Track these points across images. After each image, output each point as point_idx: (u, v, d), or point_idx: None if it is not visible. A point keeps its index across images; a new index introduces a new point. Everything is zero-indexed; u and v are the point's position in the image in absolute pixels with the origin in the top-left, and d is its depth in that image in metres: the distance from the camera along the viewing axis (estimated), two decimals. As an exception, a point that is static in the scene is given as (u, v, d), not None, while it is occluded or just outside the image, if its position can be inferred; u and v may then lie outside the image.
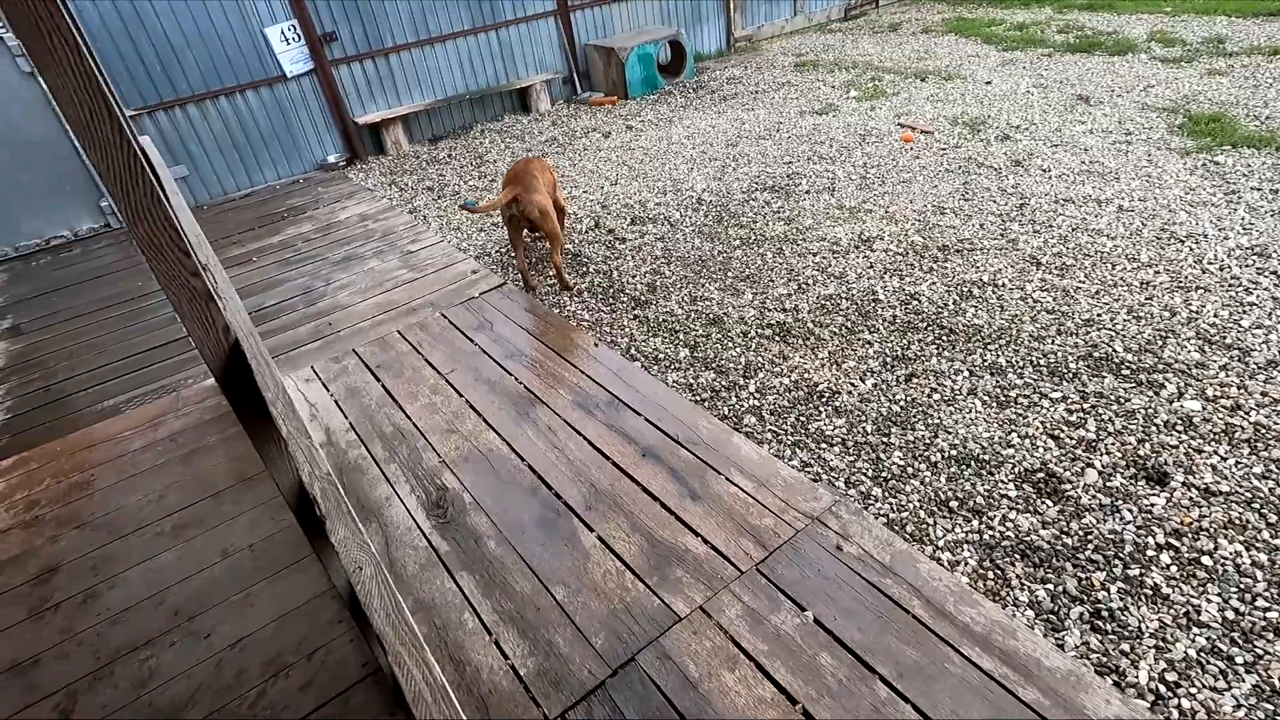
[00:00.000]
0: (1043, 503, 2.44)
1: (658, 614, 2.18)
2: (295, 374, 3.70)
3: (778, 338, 3.54)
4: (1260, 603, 2.04)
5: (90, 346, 4.32)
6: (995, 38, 8.38)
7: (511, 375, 3.45)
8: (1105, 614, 2.06)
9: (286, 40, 6.59)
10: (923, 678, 1.90)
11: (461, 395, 3.36)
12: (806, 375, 3.24)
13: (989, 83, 6.87)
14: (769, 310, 3.77)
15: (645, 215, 5.13)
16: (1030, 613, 2.11)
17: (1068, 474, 2.53)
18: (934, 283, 3.81)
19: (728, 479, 2.65)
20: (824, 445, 2.84)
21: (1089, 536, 2.30)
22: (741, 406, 3.12)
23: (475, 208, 4.13)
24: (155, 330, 4.40)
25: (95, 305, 4.89)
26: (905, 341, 3.38)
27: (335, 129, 7.19)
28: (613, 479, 2.73)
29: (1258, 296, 3.31)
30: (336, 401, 3.44)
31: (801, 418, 3.00)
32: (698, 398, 3.21)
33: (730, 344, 3.55)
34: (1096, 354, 3.10)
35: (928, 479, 2.61)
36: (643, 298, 4.07)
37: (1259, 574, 2.11)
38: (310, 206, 6.26)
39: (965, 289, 3.71)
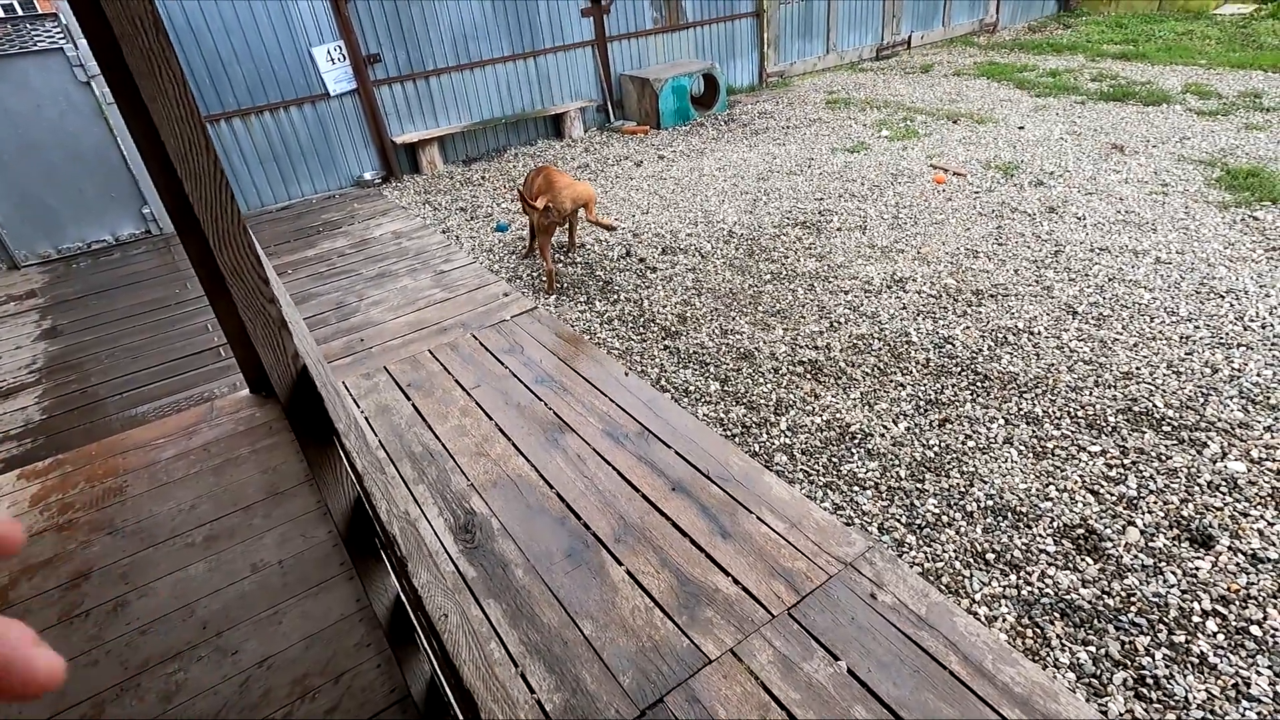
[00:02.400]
0: (1083, 560, 2.39)
1: (687, 655, 2.15)
2: (327, 388, 3.73)
3: (809, 375, 3.53)
4: (1313, 678, 1.97)
5: (127, 351, 4.39)
6: (1028, 83, 8.43)
7: (541, 400, 3.46)
8: (1150, 681, 2.00)
9: (332, 60, 6.76)
10: (961, 738, 1.85)
11: (491, 418, 3.37)
12: (838, 415, 3.22)
13: (1022, 127, 6.89)
14: (800, 347, 3.76)
15: (676, 245, 5.17)
16: (1071, 675, 2.05)
17: (1109, 531, 2.48)
18: (968, 327, 3.78)
19: (759, 518, 2.62)
20: (856, 488, 2.81)
21: (1131, 598, 2.24)
22: (773, 444, 3.10)
23: (526, 198, 4.59)
24: (191, 338, 4.47)
25: (133, 310, 4.98)
26: (938, 385, 3.35)
27: (373, 147, 7.33)
28: (642, 512, 2.71)
29: (1302, 357, 3.26)
30: (367, 418, 3.46)
31: (833, 459, 2.97)
32: (728, 433, 3.19)
33: (761, 380, 3.53)
34: (1136, 408, 3.06)
35: (963, 529, 2.57)
36: (673, 328, 4.08)
37: (1311, 648, 2.05)
38: (345, 222, 6.37)
39: (1000, 335, 3.68)
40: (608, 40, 8.30)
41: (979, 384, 3.33)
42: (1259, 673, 2.00)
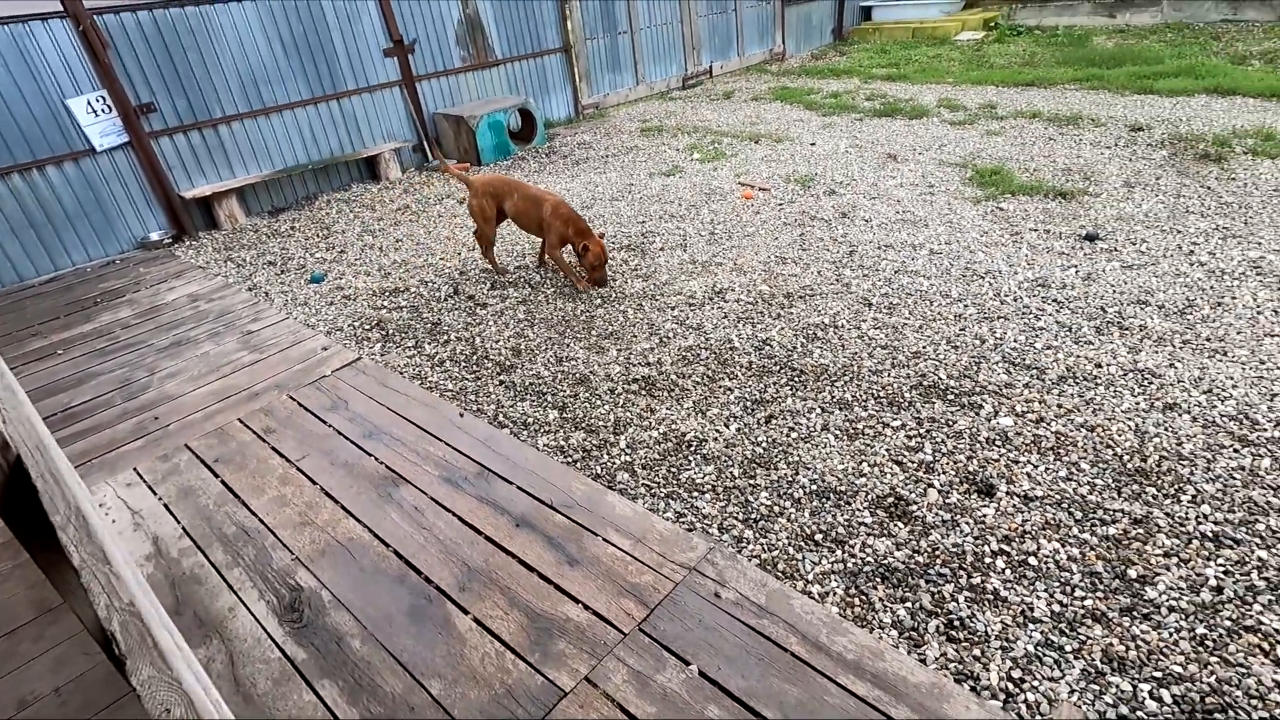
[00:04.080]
0: (895, 525, 2.63)
1: (541, 692, 2.09)
2: (113, 479, 3.27)
3: (644, 392, 3.62)
4: (1078, 593, 2.29)
5: None
6: (815, 104, 9.34)
7: (371, 455, 3.25)
8: (957, 623, 2.23)
9: (95, 112, 6.04)
10: (806, 713, 1.94)
11: (315, 483, 3.11)
12: (674, 426, 3.32)
13: (813, 144, 7.61)
14: (634, 365, 3.86)
15: (506, 279, 5.12)
16: (894, 632, 2.24)
17: (913, 496, 2.75)
18: (783, 328, 4.08)
19: (604, 539, 2.62)
20: (695, 494, 2.90)
21: (936, 552, 2.50)
22: (614, 464, 3.13)
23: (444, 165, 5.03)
24: (-72, 444, 3.74)
25: None
26: (762, 385, 3.57)
27: (158, 204, 6.62)
28: (486, 554, 2.62)
29: (1045, 322, 3.84)
30: (166, 505, 3.07)
31: (672, 469, 3.06)
32: (569, 459, 3.19)
33: (598, 402, 3.57)
34: (925, 382, 3.44)
35: (793, 515, 2.73)
36: (507, 362, 4.03)
37: (1074, 566, 2.39)
38: (130, 289, 5.68)
39: (810, 332, 4.00)
40: (415, 80, 8.14)
41: (796, 379, 3.59)
42: (1039, 597, 2.29)
